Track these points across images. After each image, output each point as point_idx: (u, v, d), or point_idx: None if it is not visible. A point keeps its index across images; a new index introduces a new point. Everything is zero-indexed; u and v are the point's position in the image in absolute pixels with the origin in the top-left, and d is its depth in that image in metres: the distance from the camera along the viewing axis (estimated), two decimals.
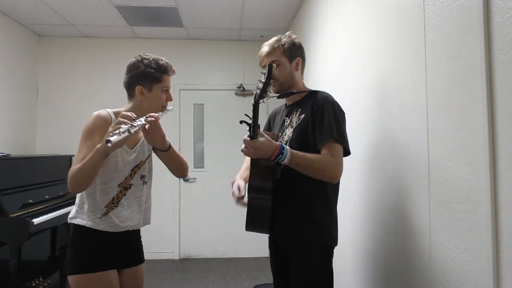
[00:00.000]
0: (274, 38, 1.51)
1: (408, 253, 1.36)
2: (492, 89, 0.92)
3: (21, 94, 3.68)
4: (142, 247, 1.59)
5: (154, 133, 1.35)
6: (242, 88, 4.20)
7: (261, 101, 1.28)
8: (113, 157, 1.40)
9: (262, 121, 1.28)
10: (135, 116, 1.27)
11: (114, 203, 1.42)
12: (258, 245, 4.02)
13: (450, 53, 1.08)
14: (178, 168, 1.56)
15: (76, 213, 1.41)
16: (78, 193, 1.40)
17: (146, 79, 1.42)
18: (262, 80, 1.26)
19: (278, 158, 1.28)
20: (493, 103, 0.92)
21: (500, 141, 0.90)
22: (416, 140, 1.28)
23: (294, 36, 1.52)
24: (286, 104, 1.60)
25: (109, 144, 1.10)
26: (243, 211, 1.40)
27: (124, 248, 1.48)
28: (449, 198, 1.10)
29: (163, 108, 1.49)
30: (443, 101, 1.12)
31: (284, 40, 1.48)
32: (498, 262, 0.91)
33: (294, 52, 1.49)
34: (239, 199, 1.46)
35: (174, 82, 4.36)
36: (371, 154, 1.71)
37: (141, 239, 1.60)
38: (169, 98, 1.51)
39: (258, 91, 1.27)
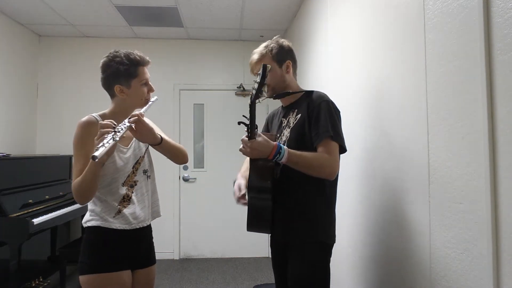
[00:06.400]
0: (262, 45, 1.53)
1: (408, 253, 1.36)
2: (492, 89, 0.92)
3: (21, 94, 3.68)
4: (153, 248, 1.59)
5: (141, 130, 1.31)
6: (242, 88, 4.19)
7: (257, 101, 1.31)
8: (110, 159, 1.38)
9: (260, 123, 1.28)
10: (115, 123, 1.22)
11: (126, 201, 1.42)
12: (258, 245, 4.04)
13: (450, 53, 1.08)
14: (177, 156, 1.55)
15: (89, 217, 1.42)
16: (86, 203, 1.38)
17: (122, 77, 1.39)
18: (257, 81, 1.28)
19: (276, 157, 1.31)
20: (493, 103, 0.92)
21: (500, 141, 0.90)
22: (416, 140, 1.28)
23: (281, 40, 1.54)
24: (282, 106, 1.63)
25: (96, 160, 1.07)
26: (243, 211, 1.40)
27: (138, 248, 1.47)
28: (449, 198, 1.10)
29: (146, 101, 1.46)
30: (443, 101, 1.12)
31: (271, 45, 1.51)
32: (498, 262, 0.91)
33: (283, 56, 1.51)
34: (240, 199, 1.48)
35: (174, 82, 4.43)
36: (371, 154, 1.71)
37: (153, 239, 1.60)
38: (150, 89, 1.48)
39: (254, 92, 1.29)
